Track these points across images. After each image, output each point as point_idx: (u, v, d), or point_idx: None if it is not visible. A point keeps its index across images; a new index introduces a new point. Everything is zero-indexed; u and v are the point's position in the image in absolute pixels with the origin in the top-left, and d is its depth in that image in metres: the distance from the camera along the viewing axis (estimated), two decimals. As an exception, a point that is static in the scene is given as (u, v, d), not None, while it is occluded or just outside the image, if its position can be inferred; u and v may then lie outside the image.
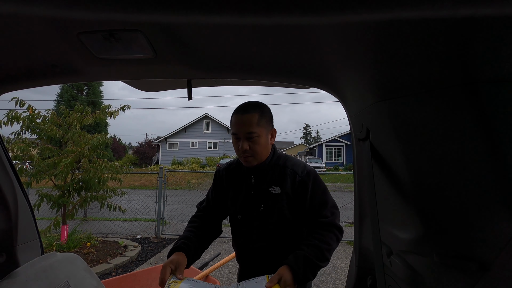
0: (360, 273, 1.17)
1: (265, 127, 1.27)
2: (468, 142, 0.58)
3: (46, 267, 0.89)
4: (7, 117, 4.07)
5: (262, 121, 1.25)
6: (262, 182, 1.31)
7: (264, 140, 1.27)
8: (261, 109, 1.27)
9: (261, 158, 1.28)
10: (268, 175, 1.31)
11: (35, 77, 1.04)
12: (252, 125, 1.23)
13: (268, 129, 1.29)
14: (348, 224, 7.38)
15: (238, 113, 1.26)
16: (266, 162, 1.31)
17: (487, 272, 0.61)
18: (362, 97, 0.85)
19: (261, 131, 1.25)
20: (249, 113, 1.24)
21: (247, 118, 1.24)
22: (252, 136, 1.23)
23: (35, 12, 0.37)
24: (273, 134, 1.33)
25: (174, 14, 0.39)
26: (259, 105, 1.29)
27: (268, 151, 1.31)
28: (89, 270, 1.08)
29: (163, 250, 5.33)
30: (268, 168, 1.32)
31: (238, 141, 1.26)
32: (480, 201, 0.60)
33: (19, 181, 1.35)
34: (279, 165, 1.32)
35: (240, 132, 1.25)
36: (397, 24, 0.55)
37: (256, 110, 1.25)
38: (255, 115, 1.24)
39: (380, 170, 0.89)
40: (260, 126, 1.24)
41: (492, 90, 0.53)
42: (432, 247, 0.76)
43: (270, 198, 1.28)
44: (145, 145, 35.03)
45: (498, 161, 0.54)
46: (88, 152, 4.66)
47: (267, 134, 1.28)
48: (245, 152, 1.25)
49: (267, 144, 1.29)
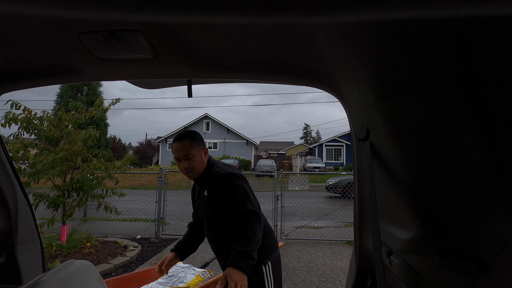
0: (360, 273, 1.17)
1: (198, 148, 1.66)
2: (468, 142, 0.58)
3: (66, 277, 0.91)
4: (5, 118, 4.07)
5: (194, 144, 1.64)
6: (201, 188, 1.74)
7: (199, 158, 1.65)
8: (192, 136, 1.67)
9: (199, 171, 1.67)
10: (203, 182, 1.71)
11: (35, 77, 1.04)
12: (187, 149, 1.62)
13: (201, 149, 1.68)
14: (348, 224, 7.38)
15: (175, 141, 1.66)
16: (203, 173, 1.70)
17: (487, 272, 0.61)
18: (362, 97, 0.85)
19: (195, 152, 1.64)
20: (183, 141, 1.64)
21: (182, 145, 1.63)
22: (189, 156, 1.62)
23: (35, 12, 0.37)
24: (206, 152, 1.73)
25: (174, 14, 0.39)
26: (190, 133, 1.68)
27: (204, 165, 1.69)
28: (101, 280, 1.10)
29: (163, 250, 5.33)
30: (204, 177, 1.70)
31: (180, 162, 1.65)
32: (480, 201, 0.60)
33: (19, 181, 1.35)
34: (209, 174, 1.69)
35: (179, 155, 1.63)
36: (397, 24, 0.55)
37: (188, 138, 1.64)
38: (188, 141, 1.63)
39: (380, 170, 0.89)
40: (193, 148, 1.63)
41: (492, 90, 0.53)
42: (432, 247, 0.76)
43: (205, 199, 1.70)
44: (145, 145, 35.04)
45: (498, 161, 0.54)
46: (81, 150, 4.65)
47: (200, 153, 1.67)
48: (186, 169, 1.64)
49: (202, 160, 1.67)
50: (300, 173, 21.41)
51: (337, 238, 5.95)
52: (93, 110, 5.01)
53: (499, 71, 0.52)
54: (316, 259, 4.93)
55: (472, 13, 0.36)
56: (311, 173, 18.69)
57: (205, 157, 1.72)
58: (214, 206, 1.66)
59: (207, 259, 2.81)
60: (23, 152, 4.43)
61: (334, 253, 5.17)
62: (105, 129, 21.08)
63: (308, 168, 24.30)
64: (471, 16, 0.40)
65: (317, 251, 5.33)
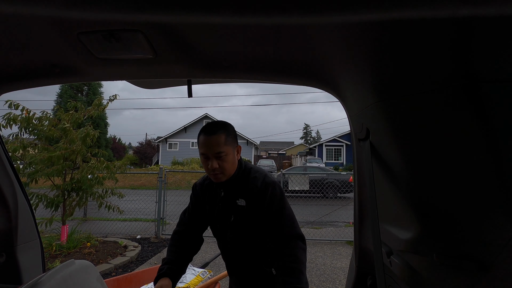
0: (360, 273, 1.17)
1: (232, 145, 1.35)
2: (468, 142, 0.58)
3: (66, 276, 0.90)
4: (5, 119, 4.07)
5: (228, 140, 1.34)
6: (230, 195, 1.41)
7: (231, 157, 1.35)
8: (227, 129, 1.35)
9: (229, 174, 1.37)
10: (235, 188, 1.40)
11: (35, 77, 1.04)
12: (221, 145, 1.31)
13: (234, 147, 1.38)
14: (348, 224, 7.38)
15: (206, 134, 1.33)
16: (233, 176, 1.39)
17: (487, 272, 0.61)
18: (362, 97, 0.85)
19: (228, 149, 1.33)
20: (216, 134, 1.32)
21: (215, 139, 1.31)
22: (221, 155, 1.32)
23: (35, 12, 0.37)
24: (239, 151, 1.42)
25: (174, 14, 0.39)
26: (224, 126, 1.37)
27: (235, 167, 1.40)
28: (101, 280, 1.09)
29: (163, 250, 5.33)
30: (235, 181, 1.40)
31: (207, 160, 1.33)
32: (480, 201, 0.60)
33: (19, 181, 1.35)
34: (244, 178, 1.41)
35: (209, 152, 1.32)
36: (397, 24, 0.55)
37: (223, 131, 1.33)
38: (222, 136, 1.32)
39: (380, 170, 0.89)
40: (227, 145, 1.33)
41: (492, 90, 0.53)
42: (432, 247, 0.76)
43: (237, 210, 1.39)
44: (145, 145, 35.04)
45: (498, 161, 0.54)
46: (79, 149, 4.65)
47: (233, 151, 1.37)
48: (215, 170, 1.32)
49: (234, 161, 1.37)
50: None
51: (337, 238, 5.96)
52: (92, 109, 5.01)
53: (499, 71, 0.52)
54: (316, 259, 4.93)
55: (472, 13, 0.36)
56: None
57: (238, 157, 1.43)
58: (254, 221, 1.37)
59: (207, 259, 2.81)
60: (22, 152, 4.42)
61: (334, 253, 5.17)
62: (105, 129, 21.06)
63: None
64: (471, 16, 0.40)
65: (317, 251, 5.33)
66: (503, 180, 0.54)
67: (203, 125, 1.40)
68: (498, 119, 0.53)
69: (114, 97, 5.09)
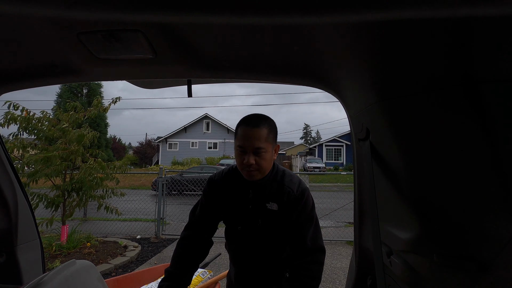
0: (360, 273, 1.17)
1: (272, 143, 1.26)
2: (468, 142, 0.58)
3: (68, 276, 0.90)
4: (5, 119, 4.08)
5: (270, 136, 1.24)
6: (260, 197, 1.30)
7: (270, 155, 1.25)
8: (270, 124, 1.26)
9: (264, 172, 1.26)
10: (266, 190, 1.30)
11: (35, 77, 1.04)
12: (262, 140, 1.21)
13: (274, 145, 1.28)
14: (348, 224, 7.38)
15: (248, 126, 1.23)
16: (266, 177, 1.29)
17: (487, 272, 0.61)
18: (362, 97, 0.85)
19: (268, 146, 1.23)
20: (259, 128, 1.21)
21: (257, 133, 1.21)
22: (260, 151, 1.21)
23: (35, 12, 0.37)
24: (276, 150, 1.31)
25: (174, 14, 0.39)
26: (268, 120, 1.27)
27: (271, 166, 1.30)
28: (101, 280, 1.09)
29: (163, 250, 5.33)
30: (267, 183, 1.30)
31: (243, 154, 1.22)
32: (480, 201, 0.60)
33: (19, 181, 1.35)
34: (276, 181, 1.31)
35: (248, 146, 1.21)
36: (397, 24, 0.55)
37: (266, 125, 1.23)
38: (265, 130, 1.22)
39: (380, 170, 0.89)
40: (268, 142, 1.22)
41: (492, 90, 0.53)
42: (432, 247, 0.76)
43: (267, 214, 1.28)
44: (145, 145, 35.05)
45: (498, 161, 0.54)
46: (77, 149, 4.64)
47: (272, 149, 1.27)
48: (250, 166, 1.22)
49: (271, 160, 1.27)
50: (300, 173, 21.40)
51: (337, 238, 5.96)
52: (92, 110, 5.01)
53: (499, 71, 0.52)
54: (316, 259, 4.92)
55: (472, 13, 0.36)
56: (311, 173, 18.68)
57: (275, 157, 1.31)
58: (282, 227, 1.30)
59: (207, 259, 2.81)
60: (21, 152, 4.42)
61: (334, 253, 5.17)
62: (105, 129, 21.09)
63: (308, 168, 24.32)
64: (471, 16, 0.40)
65: (317, 251, 5.32)
66: (503, 180, 0.54)
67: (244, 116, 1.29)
68: (498, 119, 0.53)
69: (118, 99, 5.08)
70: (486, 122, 0.54)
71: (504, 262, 0.58)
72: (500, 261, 0.58)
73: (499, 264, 0.59)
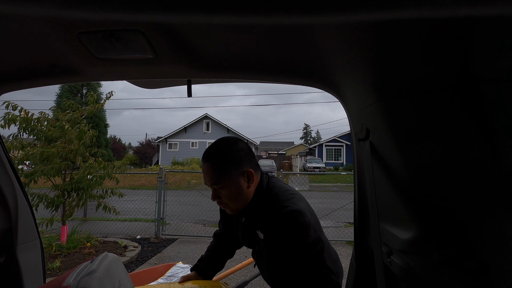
0: (360, 273, 1.17)
1: (233, 174, 1.08)
2: (468, 142, 0.58)
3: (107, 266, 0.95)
4: (4, 119, 4.08)
5: (226, 169, 1.07)
6: (251, 223, 1.19)
7: (234, 189, 1.09)
8: (222, 155, 1.10)
9: (237, 207, 1.14)
10: (255, 216, 1.16)
11: (35, 77, 1.04)
12: (214, 176, 1.08)
13: (238, 174, 1.09)
14: (348, 224, 7.38)
15: (202, 159, 1.11)
16: (250, 204, 1.15)
17: (487, 272, 0.61)
18: (362, 97, 0.85)
19: (227, 180, 1.07)
20: (209, 162, 1.09)
21: (209, 168, 1.08)
22: (215, 187, 1.09)
23: (35, 12, 0.37)
24: (250, 176, 1.12)
25: (174, 14, 0.39)
26: (219, 151, 1.11)
27: (247, 196, 1.13)
28: (126, 272, 1.14)
29: (163, 250, 5.33)
30: (255, 209, 1.15)
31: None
32: (480, 201, 0.60)
33: (19, 181, 1.35)
34: (264, 206, 1.13)
35: (206, 183, 1.10)
36: (397, 24, 0.55)
37: (217, 158, 1.09)
38: (217, 164, 1.08)
39: (380, 170, 0.89)
40: (225, 175, 1.07)
41: (492, 90, 0.53)
42: (432, 247, 0.76)
43: (259, 241, 1.18)
44: (145, 145, 35.06)
45: (498, 161, 0.54)
46: (77, 148, 4.64)
47: (238, 181, 1.09)
48: (218, 203, 1.13)
49: (240, 192, 1.10)
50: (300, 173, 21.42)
51: (337, 238, 5.95)
52: (89, 108, 5.02)
53: (499, 71, 0.52)
54: (316, 259, 4.92)
55: (472, 13, 0.36)
56: (311, 173, 18.69)
57: (250, 184, 1.12)
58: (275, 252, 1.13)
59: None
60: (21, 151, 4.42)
61: (334, 253, 5.16)
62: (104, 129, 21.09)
63: (308, 168, 24.32)
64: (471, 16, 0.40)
65: (317, 251, 5.31)
66: (503, 180, 0.54)
67: None
68: (498, 119, 0.53)
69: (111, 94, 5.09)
70: (486, 122, 0.54)
71: (504, 262, 0.58)
72: (500, 261, 0.58)
73: (499, 264, 0.59)
